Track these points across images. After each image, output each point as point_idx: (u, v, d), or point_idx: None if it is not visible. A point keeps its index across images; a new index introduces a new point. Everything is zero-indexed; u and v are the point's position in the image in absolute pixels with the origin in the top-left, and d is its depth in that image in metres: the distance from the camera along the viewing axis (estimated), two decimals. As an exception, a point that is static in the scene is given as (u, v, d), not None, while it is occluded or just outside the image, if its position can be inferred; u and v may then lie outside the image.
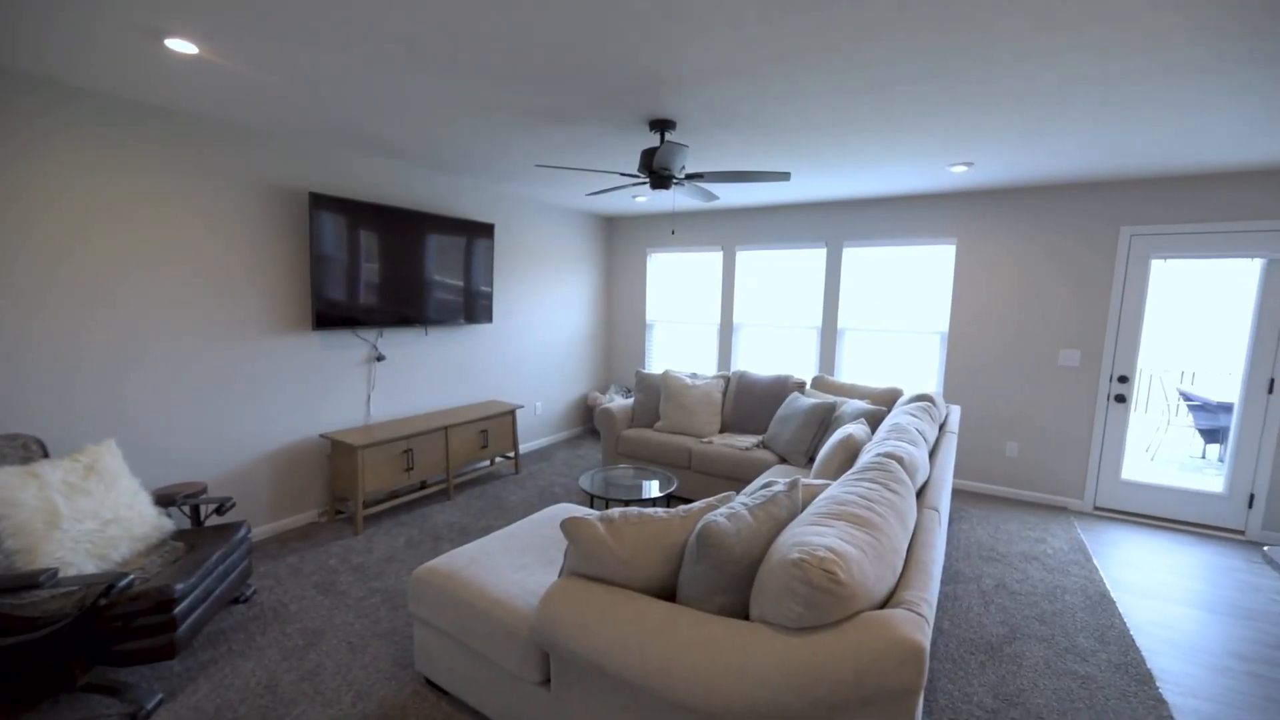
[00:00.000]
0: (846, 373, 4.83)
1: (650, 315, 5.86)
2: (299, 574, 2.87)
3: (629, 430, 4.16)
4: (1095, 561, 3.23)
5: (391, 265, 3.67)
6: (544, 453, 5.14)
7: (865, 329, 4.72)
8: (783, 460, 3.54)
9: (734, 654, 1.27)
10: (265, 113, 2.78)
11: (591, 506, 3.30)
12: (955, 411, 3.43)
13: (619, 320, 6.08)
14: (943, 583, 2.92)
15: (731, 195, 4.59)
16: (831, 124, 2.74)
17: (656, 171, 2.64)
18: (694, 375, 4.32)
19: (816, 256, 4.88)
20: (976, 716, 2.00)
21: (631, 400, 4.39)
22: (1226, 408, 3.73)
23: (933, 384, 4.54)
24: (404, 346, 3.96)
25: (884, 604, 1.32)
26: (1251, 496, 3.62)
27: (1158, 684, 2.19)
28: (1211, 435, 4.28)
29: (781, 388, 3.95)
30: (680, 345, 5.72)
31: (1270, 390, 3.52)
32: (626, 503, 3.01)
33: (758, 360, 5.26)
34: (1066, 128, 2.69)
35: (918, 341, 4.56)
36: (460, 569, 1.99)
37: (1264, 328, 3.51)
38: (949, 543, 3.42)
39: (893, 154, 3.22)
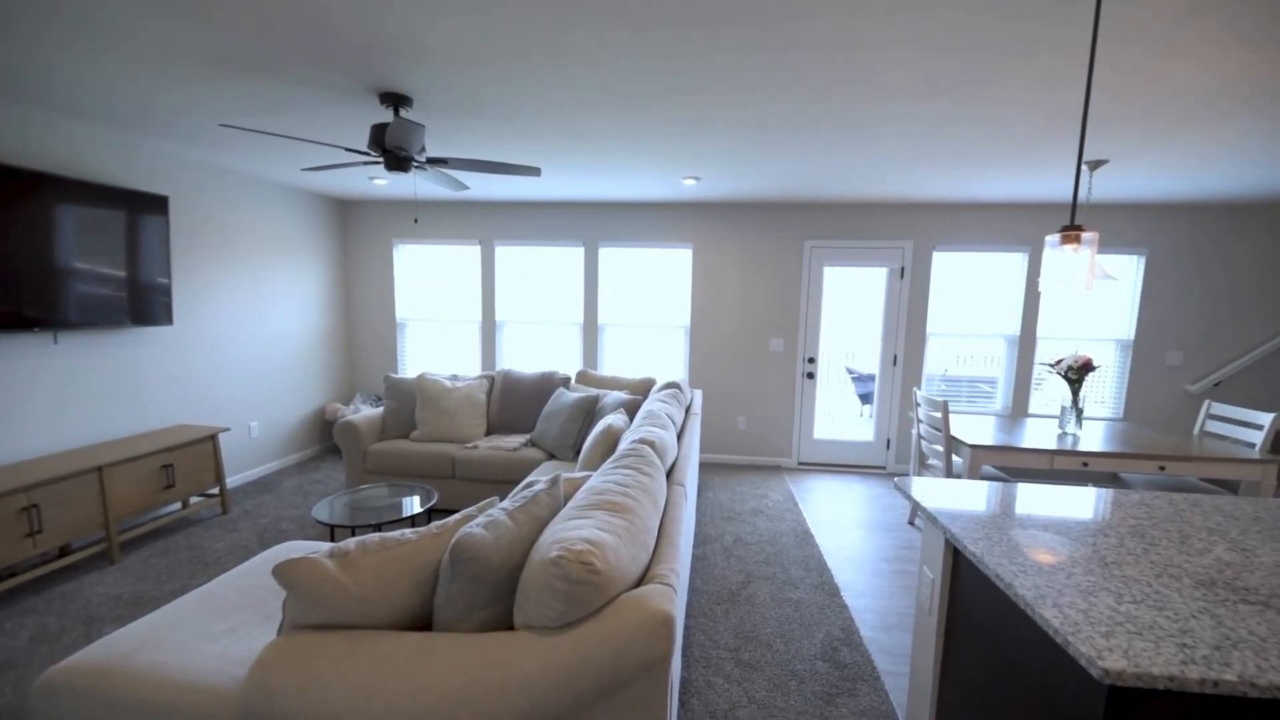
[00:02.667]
0: (608, 366, 5.10)
1: (401, 313, 5.30)
2: None
3: (380, 444, 3.68)
4: (800, 506, 4.02)
5: (-14, 245, 2.55)
6: (266, 483, 4.22)
7: (623, 324, 5.05)
8: (551, 456, 3.54)
9: (495, 669, 1.17)
10: None
11: (333, 539, 2.82)
12: (698, 395, 3.89)
13: (363, 319, 5.35)
14: (695, 546, 3.29)
15: (488, 187, 4.42)
16: (581, 127, 2.81)
17: (391, 151, 2.35)
18: (454, 377, 4.04)
19: (575, 255, 5.03)
20: (723, 657, 2.27)
21: (381, 409, 3.89)
22: (872, 377, 5.04)
23: (680, 371, 5.09)
24: (16, 361, 2.80)
25: (640, 581, 1.37)
26: (889, 440, 4.96)
27: (842, 594, 2.81)
28: (865, 398, 5.72)
29: (548, 384, 3.96)
30: (439, 345, 5.31)
31: (895, 364, 4.86)
32: (377, 527, 2.64)
33: (524, 358, 5.20)
34: (766, 156, 3.24)
35: (667, 334, 5.06)
36: (124, 657, 1.46)
37: (889, 318, 4.83)
38: (698, 510, 3.88)
39: (637, 162, 3.48)
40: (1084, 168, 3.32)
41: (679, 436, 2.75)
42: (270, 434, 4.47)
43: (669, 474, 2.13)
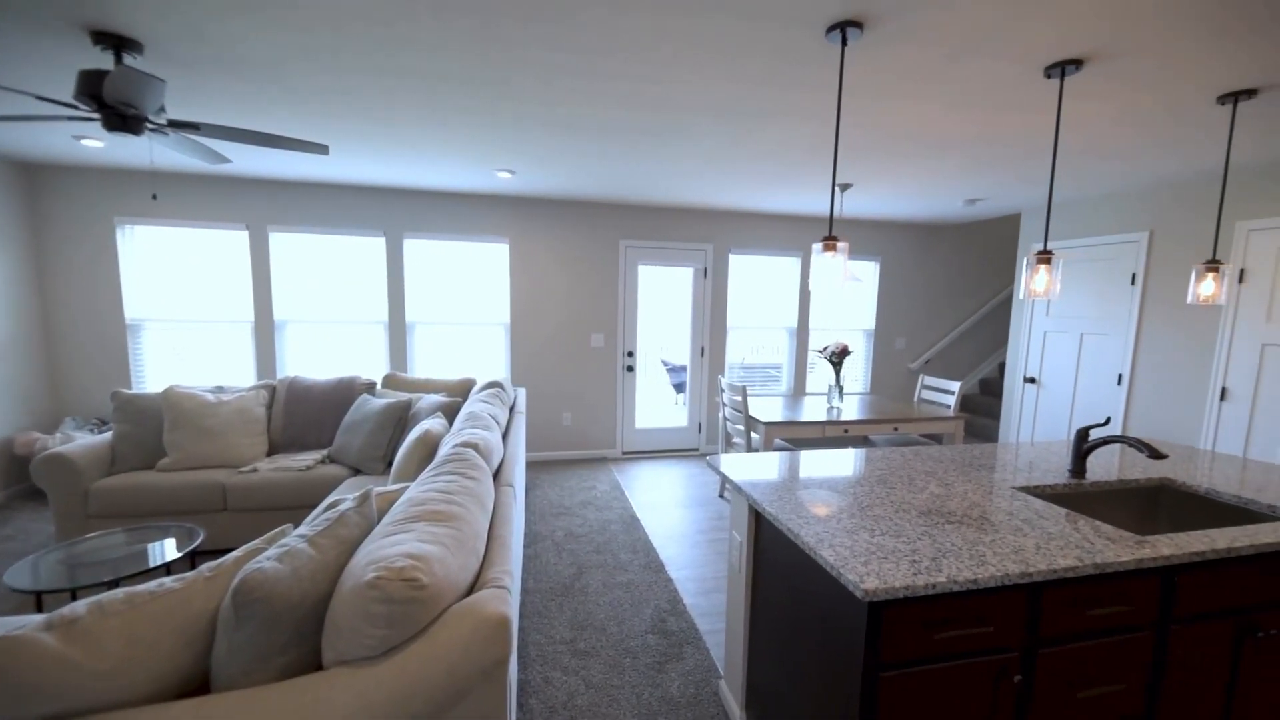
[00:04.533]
0: (421, 367, 4.73)
1: (133, 313, 4.21)
2: None
3: (110, 479, 2.89)
4: (626, 493, 4.22)
5: None
6: (-82, 551, 3.03)
7: (435, 322, 4.72)
8: (357, 471, 3.16)
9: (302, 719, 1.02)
10: None
11: (40, 610, 2.15)
12: (522, 393, 3.83)
13: (71, 322, 4.12)
14: (526, 545, 3.24)
15: (259, 162, 3.75)
16: (380, 108, 2.55)
17: (113, 106, 1.85)
18: (219, 389, 3.36)
19: (375, 245, 4.54)
20: (559, 650, 2.29)
21: (109, 435, 3.06)
22: (684, 368, 5.49)
23: (502, 370, 4.95)
24: None
25: (472, 589, 1.31)
26: (700, 425, 5.47)
27: (667, 569, 3.02)
28: (679, 387, 6.22)
29: (348, 391, 3.51)
30: (194, 351, 4.35)
31: (702, 355, 5.37)
32: (114, 585, 2.07)
33: (314, 362, 4.54)
34: (581, 156, 3.31)
35: (486, 332, 4.86)
36: None
37: (696, 314, 5.31)
38: (528, 510, 3.83)
39: (445, 150, 3.27)
40: (837, 189, 4.05)
41: (504, 437, 2.68)
42: (-83, 483, 3.20)
43: (496, 475, 2.06)
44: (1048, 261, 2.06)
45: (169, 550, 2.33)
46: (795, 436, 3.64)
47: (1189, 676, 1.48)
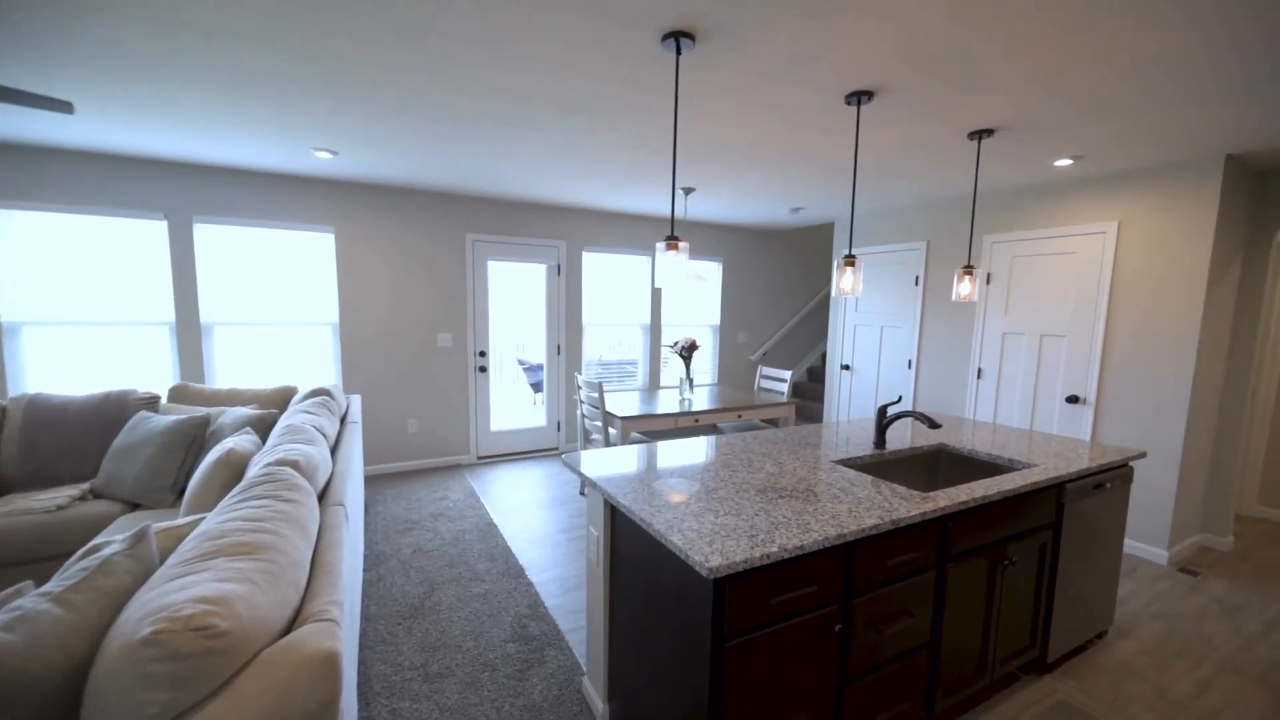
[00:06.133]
0: (222, 377, 4.02)
1: None
2: None
3: None
4: (482, 500, 4.02)
5: None
6: None
7: (242, 323, 4.04)
8: (135, 506, 2.59)
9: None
10: None
11: None
12: (356, 401, 3.45)
13: None
14: (366, 569, 2.93)
15: (-31, 119, 2.88)
16: (145, 60, 2.09)
17: None
18: (-83, 415, 2.53)
19: (155, 230, 3.75)
20: (409, 678, 2.10)
21: None
22: (541, 367, 5.39)
23: (331, 376, 4.41)
24: None
25: (292, 627, 1.14)
26: (559, 423, 5.41)
27: (527, 573, 2.94)
28: (536, 387, 6.09)
29: (118, 408, 2.86)
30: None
31: (559, 353, 5.32)
32: None
33: (69, 375, 3.62)
34: (415, 140, 3.05)
35: (310, 334, 4.30)
36: None
37: (551, 311, 5.23)
38: (369, 529, 3.46)
39: (240, 121, 2.80)
40: (680, 191, 4.27)
41: (334, 450, 2.39)
42: None
43: (322, 496, 1.83)
44: (853, 264, 2.38)
45: None
46: (651, 429, 3.78)
47: (962, 603, 1.81)
